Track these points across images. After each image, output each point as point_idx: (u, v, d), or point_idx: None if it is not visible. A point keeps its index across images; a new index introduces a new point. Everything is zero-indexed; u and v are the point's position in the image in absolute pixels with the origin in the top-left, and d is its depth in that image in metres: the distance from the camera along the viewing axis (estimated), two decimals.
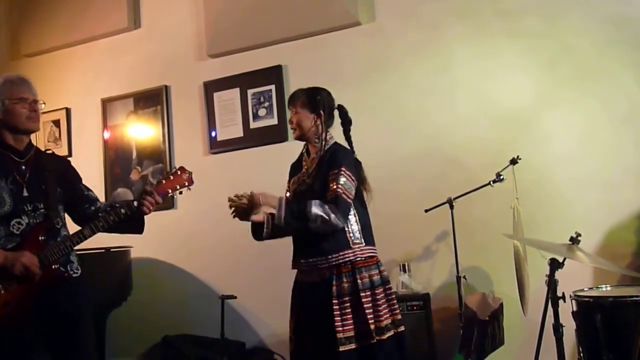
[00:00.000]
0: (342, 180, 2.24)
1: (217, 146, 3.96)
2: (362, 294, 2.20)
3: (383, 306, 2.22)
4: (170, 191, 2.31)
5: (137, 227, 2.35)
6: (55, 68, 4.45)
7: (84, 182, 2.43)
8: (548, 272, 2.18)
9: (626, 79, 3.04)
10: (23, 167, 2.23)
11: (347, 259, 2.24)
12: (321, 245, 2.25)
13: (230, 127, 3.91)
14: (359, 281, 2.21)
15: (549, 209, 3.11)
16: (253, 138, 3.84)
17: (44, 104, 2.35)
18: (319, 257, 2.25)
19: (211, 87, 3.99)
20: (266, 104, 3.84)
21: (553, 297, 2.15)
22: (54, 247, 2.17)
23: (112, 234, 2.33)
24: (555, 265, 2.16)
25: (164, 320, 3.87)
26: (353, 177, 2.28)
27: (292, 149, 2.64)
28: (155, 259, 4.02)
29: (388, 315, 2.24)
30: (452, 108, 3.38)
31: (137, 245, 3.60)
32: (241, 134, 3.88)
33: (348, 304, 2.19)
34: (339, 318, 2.17)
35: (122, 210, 2.23)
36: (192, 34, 4.11)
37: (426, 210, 3.07)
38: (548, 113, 3.19)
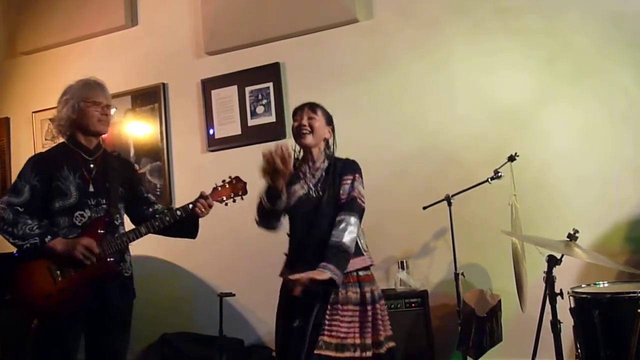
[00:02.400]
0: (358, 185, 2.28)
1: (215, 144, 3.95)
2: (369, 307, 2.20)
3: (380, 321, 2.22)
4: (224, 198, 2.43)
5: (191, 230, 2.49)
6: (53, 66, 4.43)
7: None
8: (546, 269, 2.19)
9: (624, 76, 3.05)
10: (91, 165, 2.40)
11: (363, 266, 2.24)
12: None
13: (228, 125, 3.90)
14: (366, 295, 2.21)
15: (547, 206, 3.12)
16: (251, 135, 3.84)
17: (116, 108, 2.53)
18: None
19: (209, 85, 3.99)
20: (264, 101, 3.83)
21: (551, 293, 2.16)
22: (111, 241, 2.33)
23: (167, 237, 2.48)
24: (553, 261, 2.16)
25: (162, 318, 3.87)
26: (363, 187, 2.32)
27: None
28: (154, 257, 4.01)
29: (383, 330, 2.23)
30: (450, 105, 3.38)
31: (135, 243, 3.57)
32: (239, 132, 3.87)
33: (349, 313, 2.17)
34: (336, 324, 2.14)
35: (178, 212, 2.39)
36: (189, 32, 4.10)
37: (424, 208, 3.07)
38: (546, 110, 3.19)
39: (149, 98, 4.15)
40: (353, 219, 2.19)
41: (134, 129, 4.20)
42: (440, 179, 3.28)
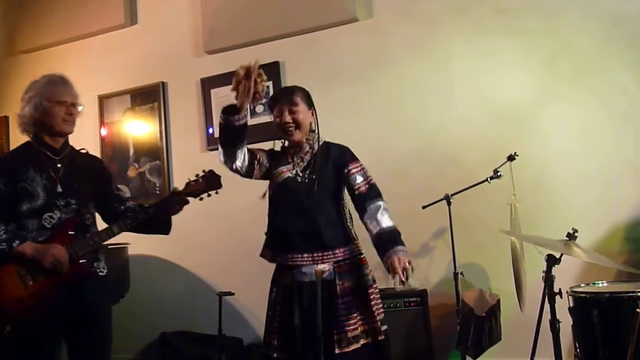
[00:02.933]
0: (367, 171, 2.27)
1: (214, 143, 3.95)
2: (370, 290, 2.22)
3: (376, 305, 2.24)
4: (199, 193, 2.36)
5: (164, 227, 2.43)
6: (52, 65, 4.41)
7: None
8: (545, 268, 2.19)
9: (624, 76, 3.05)
10: (58, 165, 2.31)
11: (353, 254, 2.23)
12: (326, 239, 2.18)
13: None
14: (362, 279, 2.22)
15: (546, 205, 3.12)
16: (250, 135, 3.80)
17: (82, 106, 2.41)
18: (326, 252, 2.18)
19: (208, 84, 3.98)
20: (263, 100, 3.83)
21: (550, 293, 2.16)
22: (83, 242, 2.25)
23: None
24: (552, 261, 2.17)
25: (161, 317, 3.87)
26: None
27: None
28: (153, 256, 4.01)
29: (378, 314, 2.24)
30: (450, 105, 3.38)
31: (135, 242, 3.59)
32: None
33: (352, 304, 2.17)
34: (344, 317, 2.14)
35: (151, 210, 2.32)
36: (189, 31, 4.10)
37: (424, 207, 3.07)
38: (546, 110, 3.19)
39: (149, 97, 4.15)
40: (383, 203, 2.20)
41: (134, 128, 4.20)
42: (440, 178, 3.29)
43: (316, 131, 2.31)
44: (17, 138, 4.66)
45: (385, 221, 2.18)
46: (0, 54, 4.68)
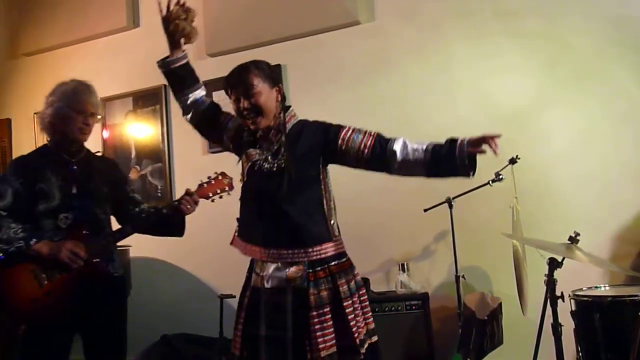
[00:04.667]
0: (361, 128, 1.95)
1: (216, 145, 3.94)
2: (345, 303, 1.88)
3: (360, 316, 1.93)
4: (210, 194, 2.36)
5: (178, 228, 2.46)
6: (54, 67, 4.44)
7: None
8: (547, 272, 2.18)
9: (625, 79, 3.05)
10: (74, 167, 2.36)
11: (328, 254, 1.91)
12: (300, 234, 1.89)
13: None
14: (340, 289, 1.89)
15: (548, 208, 3.11)
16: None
17: (100, 116, 2.46)
18: (297, 250, 1.88)
19: (210, 86, 3.95)
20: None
21: (552, 296, 2.16)
22: (97, 242, 2.28)
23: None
24: (554, 264, 2.16)
25: (162, 319, 3.87)
26: None
27: None
28: (154, 258, 4.01)
29: (363, 325, 1.94)
30: (451, 108, 3.38)
31: (136, 245, 3.59)
32: None
33: (329, 316, 1.86)
34: (320, 333, 1.83)
35: (164, 210, 2.34)
36: None
37: (425, 210, 3.07)
38: (547, 113, 3.19)
39: (151, 99, 4.16)
40: (403, 138, 1.92)
41: (135, 131, 4.20)
42: (441, 181, 3.26)
43: (286, 113, 1.99)
44: (20, 140, 4.71)
45: (416, 146, 1.88)
46: (3, 56, 4.69)
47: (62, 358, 2.24)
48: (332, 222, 1.95)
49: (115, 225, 2.47)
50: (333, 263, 1.92)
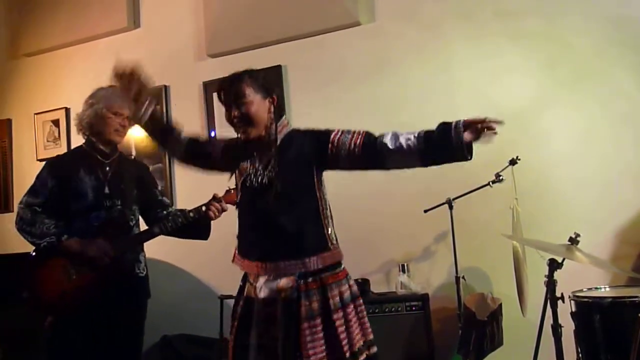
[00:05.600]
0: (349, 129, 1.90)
1: None
2: (335, 316, 1.83)
3: (355, 326, 1.87)
4: (237, 201, 2.35)
5: (203, 232, 2.54)
6: (55, 68, 4.44)
7: None
8: (547, 273, 2.18)
9: (626, 79, 3.05)
10: (107, 168, 2.46)
11: (326, 264, 1.87)
12: (295, 246, 1.85)
13: (229, 128, 3.86)
14: (330, 301, 1.84)
15: (548, 209, 3.11)
16: None
17: None
18: (293, 261, 1.85)
19: (211, 87, 3.98)
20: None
21: (552, 297, 2.16)
22: (125, 241, 2.39)
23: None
24: (554, 265, 2.17)
25: (163, 320, 3.85)
26: None
27: None
28: (154, 259, 4.00)
29: (360, 336, 1.89)
30: (451, 108, 3.37)
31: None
32: None
33: (320, 327, 1.82)
34: (310, 345, 1.79)
35: (191, 214, 2.42)
36: (191, 34, 4.11)
37: (425, 211, 3.07)
38: (548, 113, 3.19)
39: None
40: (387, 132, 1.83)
41: (136, 131, 4.19)
42: (442, 182, 3.28)
43: (277, 125, 1.94)
44: (21, 141, 4.72)
45: (405, 135, 1.79)
46: (3, 57, 4.69)
47: (85, 350, 2.31)
48: (329, 231, 1.91)
49: (143, 226, 2.52)
50: (326, 274, 1.87)
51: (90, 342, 2.34)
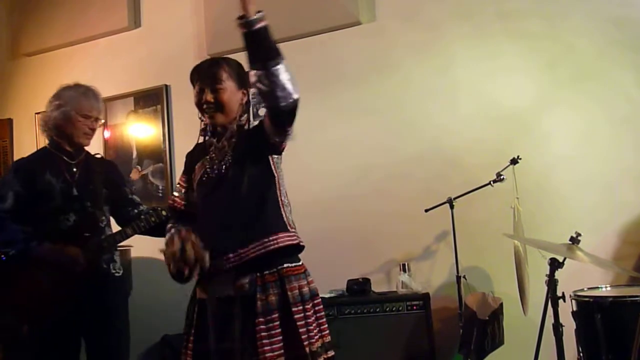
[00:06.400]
0: None
1: None
2: (294, 309, 1.75)
3: (313, 325, 1.79)
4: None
5: None
6: (55, 67, 4.44)
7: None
8: (548, 272, 2.18)
9: (626, 80, 3.05)
10: (74, 169, 2.39)
11: (287, 243, 1.79)
12: (253, 227, 1.78)
13: None
14: (288, 293, 1.76)
15: (549, 209, 3.11)
16: None
17: (103, 120, 2.52)
18: (253, 245, 1.76)
19: None
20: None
21: (553, 297, 2.16)
22: (97, 243, 2.32)
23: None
24: (555, 265, 2.17)
25: (163, 319, 3.86)
26: None
27: (294, 149, 2.62)
28: (155, 259, 4.00)
29: (318, 337, 1.80)
30: (452, 108, 3.38)
31: (137, 245, 3.59)
32: None
33: (277, 322, 1.74)
34: (267, 341, 1.71)
35: (163, 212, 2.36)
36: (192, 33, 4.11)
37: (426, 210, 3.07)
38: (548, 113, 3.19)
39: (152, 100, 4.16)
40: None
41: (137, 131, 4.20)
42: (443, 181, 3.28)
43: (248, 115, 1.94)
44: (22, 140, 4.71)
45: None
46: (4, 57, 4.69)
47: (66, 357, 2.27)
48: (286, 215, 1.85)
49: (115, 226, 2.48)
50: (284, 266, 1.80)
51: (72, 348, 2.29)
